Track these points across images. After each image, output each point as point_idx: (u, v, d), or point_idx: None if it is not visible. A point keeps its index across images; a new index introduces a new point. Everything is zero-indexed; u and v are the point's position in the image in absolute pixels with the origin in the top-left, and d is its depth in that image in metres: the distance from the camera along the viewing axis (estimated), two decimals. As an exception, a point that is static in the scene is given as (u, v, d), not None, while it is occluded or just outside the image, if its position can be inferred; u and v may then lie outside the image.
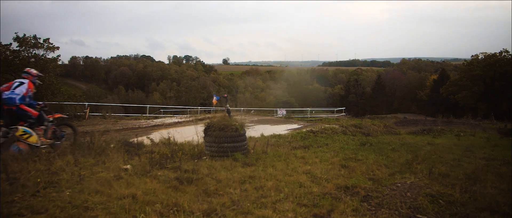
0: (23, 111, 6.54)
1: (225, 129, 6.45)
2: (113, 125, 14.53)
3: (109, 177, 4.35)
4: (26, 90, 6.68)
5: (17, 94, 6.52)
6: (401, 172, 5.49)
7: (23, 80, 6.82)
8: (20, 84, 6.69)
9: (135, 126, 14.23)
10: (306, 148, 8.19)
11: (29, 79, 6.91)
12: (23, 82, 6.78)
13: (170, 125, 14.39)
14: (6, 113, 6.50)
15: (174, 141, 8.01)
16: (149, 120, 16.67)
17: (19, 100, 6.45)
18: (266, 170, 5.38)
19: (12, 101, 6.42)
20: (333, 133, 11.45)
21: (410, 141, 10.35)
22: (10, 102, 6.42)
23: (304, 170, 5.48)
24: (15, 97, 6.45)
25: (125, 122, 15.62)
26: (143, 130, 13.20)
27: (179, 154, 5.62)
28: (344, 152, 7.43)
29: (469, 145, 10.05)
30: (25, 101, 6.60)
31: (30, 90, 6.79)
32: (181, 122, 15.50)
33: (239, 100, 66.21)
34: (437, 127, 16.12)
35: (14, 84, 6.68)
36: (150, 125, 14.81)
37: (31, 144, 6.43)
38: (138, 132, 11.71)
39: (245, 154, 6.52)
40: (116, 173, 4.60)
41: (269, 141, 8.66)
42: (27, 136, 6.41)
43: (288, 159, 6.50)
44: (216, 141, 6.37)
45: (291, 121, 17.92)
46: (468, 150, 8.55)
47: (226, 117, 6.83)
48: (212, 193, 4.06)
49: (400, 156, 7.06)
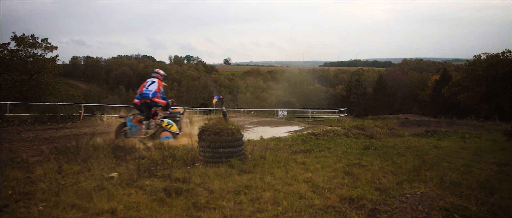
0: (155, 103, 8.50)
1: (220, 133, 6.04)
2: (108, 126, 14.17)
3: (90, 187, 3.96)
4: (157, 87, 8.62)
5: (150, 90, 8.51)
6: (409, 180, 5.08)
7: (154, 79, 8.78)
8: (152, 83, 8.68)
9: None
10: (307, 152, 7.77)
11: (158, 78, 8.85)
12: (154, 81, 8.74)
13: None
14: (144, 105, 8.52)
15: (167, 144, 7.65)
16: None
17: (152, 95, 8.44)
18: (264, 178, 4.98)
19: (147, 96, 8.43)
20: (335, 135, 11.04)
21: (415, 144, 9.93)
22: (146, 97, 8.43)
23: (305, 178, 5.08)
24: (149, 93, 8.45)
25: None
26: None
27: (169, 161, 5.22)
28: (348, 157, 7.02)
29: (476, 149, 9.64)
30: (157, 96, 8.53)
31: (160, 87, 8.73)
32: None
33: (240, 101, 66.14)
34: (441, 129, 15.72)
35: (148, 83, 8.66)
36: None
37: (173, 132, 8.42)
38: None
39: (242, 160, 6.12)
40: (99, 182, 4.21)
41: (268, 144, 8.26)
42: (170, 126, 8.44)
43: (288, 165, 6.10)
44: (211, 146, 5.96)
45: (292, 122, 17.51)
46: (476, 154, 8.15)
47: (222, 120, 6.41)
48: (203, 206, 3.66)
49: (406, 161, 6.65)
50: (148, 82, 8.69)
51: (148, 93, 8.44)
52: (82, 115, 14.94)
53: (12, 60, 27.32)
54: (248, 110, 28.91)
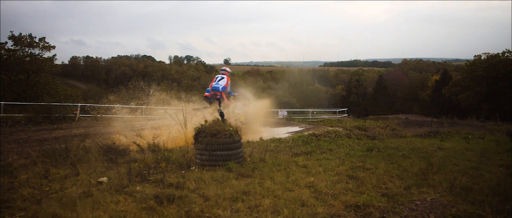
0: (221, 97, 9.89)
1: (217, 134, 5.74)
2: (104, 127, 13.86)
3: (76, 194, 3.66)
4: (226, 82, 10.14)
5: (220, 84, 9.99)
6: (417, 184, 4.79)
7: (223, 76, 10.24)
8: (221, 78, 10.14)
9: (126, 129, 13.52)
10: (309, 154, 7.47)
11: (226, 75, 10.33)
12: (223, 77, 10.19)
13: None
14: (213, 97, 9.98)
15: (164, 146, 7.37)
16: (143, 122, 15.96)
17: (222, 89, 9.95)
18: (263, 183, 4.69)
19: (218, 89, 9.90)
20: (337, 136, 10.75)
21: (419, 145, 9.66)
22: (217, 90, 9.89)
23: (307, 183, 4.79)
24: (219, 87, 9.94)
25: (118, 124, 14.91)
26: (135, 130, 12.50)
27: (162, 165, 4.93)
28: (350, 159, 6.73)
29: (481, 150, 9.37)
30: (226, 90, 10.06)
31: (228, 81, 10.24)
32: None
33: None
34: (443, 129, 15.46)
35: (217, 79, 10.14)
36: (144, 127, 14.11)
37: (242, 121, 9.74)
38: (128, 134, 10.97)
39: (240, 163, 5.82)
40: (86, 188, 3.92)
41: (268, 146, 7.98)
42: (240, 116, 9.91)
43: (289, 168, 5.81)
44: (208, 148, 5.66)
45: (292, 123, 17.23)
46: (483, 155, 7.85)
47: (219, 121, 6.10)
48: (196, 216, 3.36)
49: (412, 164, 6.36)
50: (217, 77, 10.18)
51: (218, 87, 9.92)
52: (78, 115, 14.64)
53: (9, 59, 26.95)
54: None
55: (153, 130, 10.98)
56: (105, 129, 13.20)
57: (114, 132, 12.06)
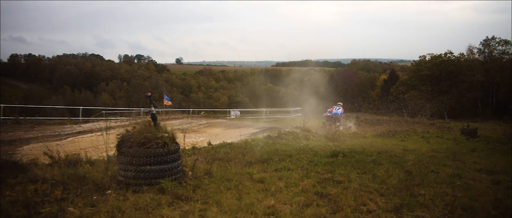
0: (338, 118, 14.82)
1: (147, 144, 4.29)
2: (25, 132, 11.70)
3: None
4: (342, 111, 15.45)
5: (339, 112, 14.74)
6: (406, 204, 3.73)
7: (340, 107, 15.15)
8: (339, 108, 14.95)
9: (54, 134, 11.49)
10: (265, 162, 6.22)
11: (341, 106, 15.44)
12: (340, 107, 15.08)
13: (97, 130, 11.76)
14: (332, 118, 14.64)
15: (86, 157, 5.81)
16: (76, 125, 13.89)
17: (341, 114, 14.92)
18: (207, 210, 3.38)
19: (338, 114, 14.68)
20: (295, 138, 9.71)
21: (384, 147, 8.86)
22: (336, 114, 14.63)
23: (265, 208, 3.55)
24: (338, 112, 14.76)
25: (44, 128, 12.75)
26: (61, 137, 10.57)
27: (57, 192, 3.44)
28: (315, 169, 5.59)
29: (446, 150, 8.84)
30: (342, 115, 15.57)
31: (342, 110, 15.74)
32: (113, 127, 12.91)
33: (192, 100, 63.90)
34: (400, 128, 15.17)
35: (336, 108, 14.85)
36: (74, 131, 12.11)
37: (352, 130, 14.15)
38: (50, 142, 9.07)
39: (178, 180, 4.42)
40: None
41: (216, 153, 6.65)
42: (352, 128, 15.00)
43: (241, 184, 4.52)
44: (134, 162, 4.20)
45: (245, 124, 16.02)
46: (455, 159, 7.15)
47: (150, 126, 4.63)
48: None
49: (388, 173, 5.34)
50: (335, 108, 14.90)
51: (338, 112, 14.61)
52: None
53: None
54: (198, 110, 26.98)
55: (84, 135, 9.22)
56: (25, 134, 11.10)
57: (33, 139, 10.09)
